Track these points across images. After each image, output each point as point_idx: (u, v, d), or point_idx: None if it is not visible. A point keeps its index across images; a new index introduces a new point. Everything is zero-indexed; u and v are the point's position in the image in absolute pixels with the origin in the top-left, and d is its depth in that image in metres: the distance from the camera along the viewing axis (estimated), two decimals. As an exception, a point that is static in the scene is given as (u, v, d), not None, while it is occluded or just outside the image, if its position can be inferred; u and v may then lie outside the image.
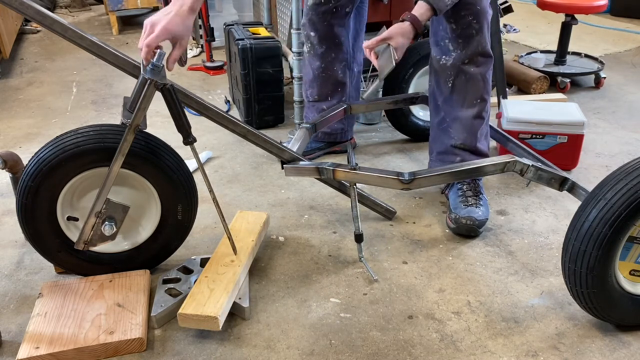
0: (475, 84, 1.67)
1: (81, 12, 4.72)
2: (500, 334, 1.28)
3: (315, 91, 2.00)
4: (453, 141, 1.74)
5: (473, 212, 1.61)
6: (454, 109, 1.72)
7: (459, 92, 1.69)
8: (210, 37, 3.12)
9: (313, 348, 1.24)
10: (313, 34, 1.91)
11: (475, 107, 1.70)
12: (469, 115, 1.70)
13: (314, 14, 1.87)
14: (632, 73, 3.06)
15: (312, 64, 1.97)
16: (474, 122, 1.71)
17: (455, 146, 1.74)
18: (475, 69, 1.66)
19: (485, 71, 1.68)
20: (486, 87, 1.70)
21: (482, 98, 1.70)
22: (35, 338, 1.21)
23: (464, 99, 1.69)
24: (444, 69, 1.69)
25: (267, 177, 1.99)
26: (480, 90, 1.68)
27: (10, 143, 2.27)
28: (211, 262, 1.39)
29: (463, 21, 1.60)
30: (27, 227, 1.31)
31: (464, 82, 1.67)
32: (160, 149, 1.33)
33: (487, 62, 1.68)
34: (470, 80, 1.67)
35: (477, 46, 1.63)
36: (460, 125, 1.71)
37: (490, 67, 1.70)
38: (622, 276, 1.23)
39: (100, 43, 1.25)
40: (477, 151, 1.74)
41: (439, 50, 1.70)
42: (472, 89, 1.68)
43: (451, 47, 1.65)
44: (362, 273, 1.49)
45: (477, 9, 1.59)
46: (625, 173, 1.14)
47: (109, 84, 2.96)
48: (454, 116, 1.72)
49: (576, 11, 2.67)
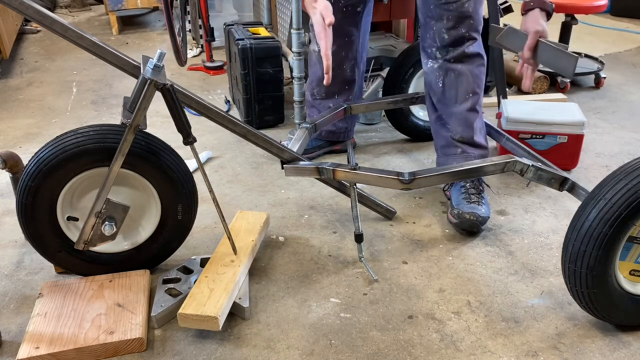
0: (465, 80, 1.70)
1: (81, 12, 4.72)
2: (500, 334, 1.28)
3: (323, 89, 1.99)
4: (452, 134, 1.76)
5: (476, 209, 1.61)
6: (448, 107, 1.74)
7: (449, 89, 1.72)
8: (210, 37, 3.12)
9: (313, 348, 1.24)
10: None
11: (469, 101, 1.72)
12: (463, 109, 1.72)
13: None
14: (632, 73, 3.06)
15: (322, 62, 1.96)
16: (469, 114, 1.73)
17: (455, 139, 1.76)
18: (462, 66, 1.69)
19: (473, 68, 1.71)
20: (476, 81, 1.72)
21: (474, 92, 1.72)
22: (35, 338, 1.21)
23: (456, 95, 1.72)
24: (432, 71, 1.74)
25: (267, 177, 1.99)
26: (471, 85, 1.71)
27: (10, 143, 2.27)
28: (211, 262, 1.39)
29: (456, 33, 1.65)
30: (27, 227, 1.31)
31: (454, 80, 1.70)
32: (160, 149, 1.33)
33: (475, 60, 1.71)
34: (459, 76, 1.70)
35: (463, 50, 1.67)
36: (456, 120, 1.73)
37: (480, 64, 1.72)
38: (622, 276, 1.23)
39: (100, 43, 1.25)
40: (476, 144, 1.75)
41: (426, 55, 1.75)
42: (462, 84, 1.71)
43: (439, 54, 1.70)
44: (362, 273, 1.49)
45: (472, 23, 1.64)
46: (625, 173, 1.14)
47: (109, 84, 2.96)
48: (448, 112, 1.74)
49: (576, 11, 2.67)
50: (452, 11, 1.61)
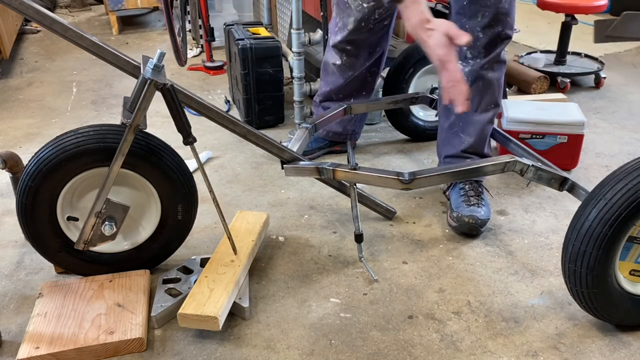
0: (492, 89, 1.66)
1: (81, 12, 4.72)
2: (500, 334, 1.28)
3: (342, 94, 1.97)
4: (464, 145, 1.72)
5: (475, 212, 1.61)
6: (468, 113, 1.68)
7: (475, 96, 1.66)
8: (210, 37, 3.12)
9: (313, 348, 1.24)
10: (350, 47, 1.85)
11: (489, 112, 1.69)
12: (483, 120, 1.69)
13: (355, 35, 1.82)
14: (632, 73, 3.06)
15: (344, 74, 1.92)
16: (487, 126, 1.70)
17: (465, 150, 1.72)
18: (492, 74, 1.64)
19: (500, 76, 1.67)
20: (500, 92, 1.69)
21: (496, 103, 1.69)
22: (35, 338, 1.21)
23: (480, 103, 1.67)
24: None
25: (267, 177, 1.99)
26: (495, 95, 1.68)
27: (10, 143, 2.27)
28: (211, 262, 1.39)
29: (492, 32, 1.57)
30: (27, 227, 1.31)
31: (482, 87, 1.65)
32: (160, 149, 1.33)
33: (502, 67, 1.67)
34: (487, 85, 1.65)
35: (499, 53, 1.62)
36: (473, 129, 1.70)
37: (504, 72, 1.69)
38: (622, 276, 1.23)
39: (100, 43, 1.25)
40: (484, 155, 1.74)
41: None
42: (488, 93, 1.66)
43: (469, 54, 1.62)
44: (362, 273, 1.49)
45: (508, 20, 1.57)
46: (625, 173, 1.14)
47: (109, 84, 2.96)
48: (467, 120, 1.69)
49: (576, 11, 2.67)
50: (488, 7, 1.53)
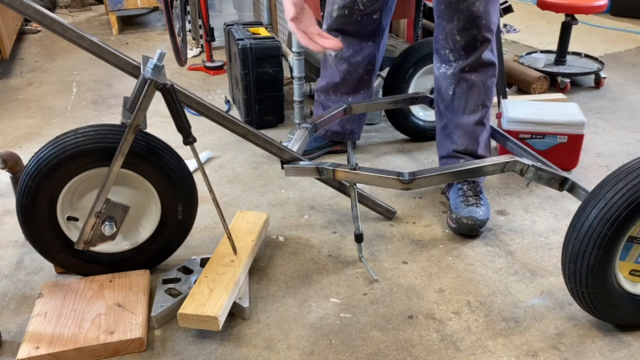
0: (477, 91, 1.67)
1: (81, 12, 4.72)
2: (500, 334, 1.28)
3: (339, 92, 1.97)
4: (456, 146, 1.74)
5: (474, 212, 1.61)
6: (455, 116, 1.71)
7: (459, 99, 1.69)
8: (210, 37, 3.12)
9: (313, 348, 1.24)
10: (339, 38, 1.83)
11: (477, 114, 1.70)
12: (470, 122, 1.70)
13: (340, 23, 1.83)
14: (632, 73, 3.06)
15: (339, 66, 1.92)
16: (476, 128, 1.71)
17: (458, 151, 1.74)
18: (476, 76, 1.65)
19: (486, 78, 1.67)
20: (488, 94, 1.69)
21: (484, 105, 1.69)
22: (35, 338, 1.21)
23: (465, 106, 1.69)
24: (444, 77, 1.69)
25: (267, 177, 1.99)
26: (481, 97, 1.68)
27: (10, 143, 2.27)
28: (211, 262, 1.39)
29: (468, 34, 1.59)
30: (27, 227, 1.31)
31: (465, 90, 1.67)
32: (160, 149, 1.33)
33: (489, 70, 1.67)
34: (471, 87, 1.66)
35: (479, 56, 1.63)
36: (462, 132, 1.71)
37: (493, 75, 1.69)
38: (622, 276, 1.23)
39: (100, 43, 1.25)
40: (478, 157, 1.74)
41: (439, 58, 1.70)
42: (473, 96, 1.67)
43: (452, 57, 1.65)
44: (362, 273, 1.49)
45: (483, 23, 1.58)
46: (625, 173, 1.14)
47: (109, 84, 2.96)
48: (455, 123, 1.72)
49: (576, 11, 2.67)
50: (462, 11, 1.57)
